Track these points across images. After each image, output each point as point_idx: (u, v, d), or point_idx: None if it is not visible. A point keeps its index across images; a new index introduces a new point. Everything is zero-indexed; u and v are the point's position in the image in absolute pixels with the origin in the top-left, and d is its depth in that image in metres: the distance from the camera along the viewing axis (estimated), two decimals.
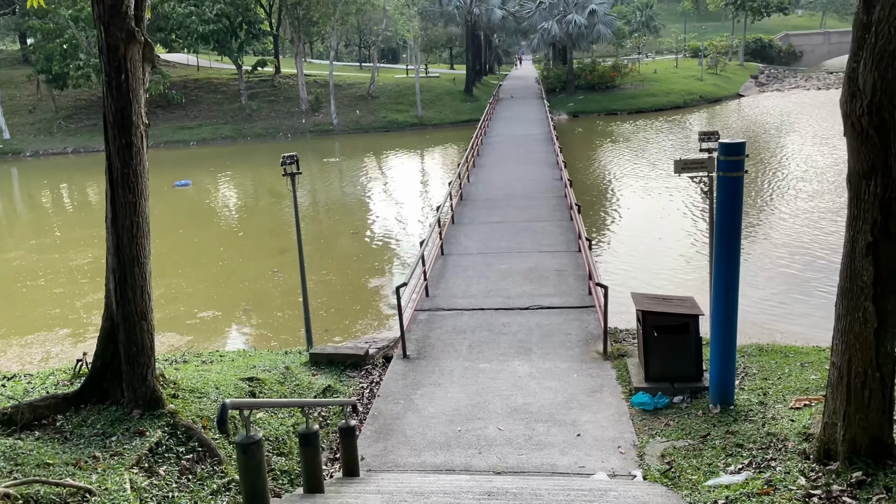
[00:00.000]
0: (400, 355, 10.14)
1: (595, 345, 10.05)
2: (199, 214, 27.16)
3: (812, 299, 14.83)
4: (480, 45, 60.96)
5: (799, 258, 17.22)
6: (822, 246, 17.95)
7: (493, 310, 11.55)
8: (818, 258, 17.13)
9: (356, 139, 44.52)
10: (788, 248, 17.93)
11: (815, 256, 17.23)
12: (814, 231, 19.37)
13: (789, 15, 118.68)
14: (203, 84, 51.28)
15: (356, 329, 14.40)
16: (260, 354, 11.40)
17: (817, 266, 16.62)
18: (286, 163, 11.27)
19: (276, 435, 7.48)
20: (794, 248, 17.97)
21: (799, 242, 18.37)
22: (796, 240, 18.62)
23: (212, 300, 16.48)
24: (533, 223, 16.59)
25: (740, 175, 7.47)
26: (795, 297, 14.99)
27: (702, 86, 53.62)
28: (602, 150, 35.72)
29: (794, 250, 17.75)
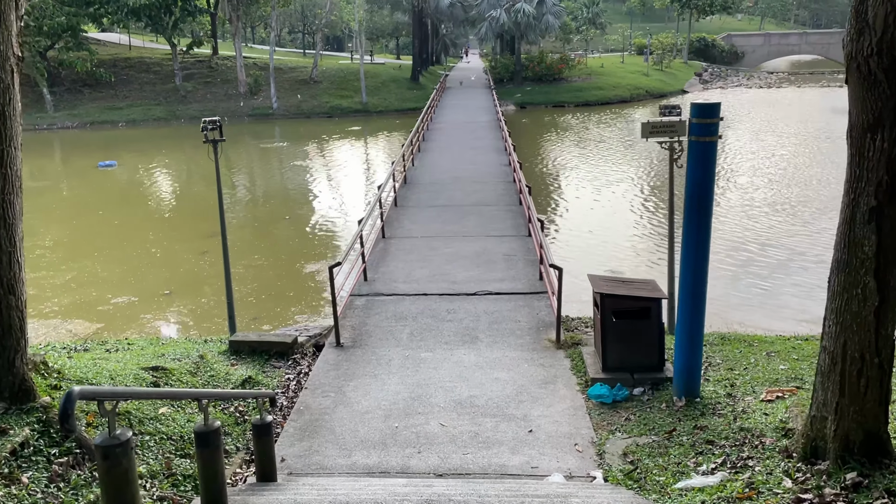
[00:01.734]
0: (333, 343, 9.12)
1: (547, 332, 9.22)
2: (123, 196, 25.42)
3: (756, 291, 14.40)
4: (427, 32, 59.83)
5: (735, 252, 16.85)
6: (755, 239, 17.64)
7: (438, 295, 10.62)
8: (752, 251, 16.78)
9: (297, 124, 42.93)
10: (725, 241, 17.51)
11: (749, 251, 16.86)
12: (748, 224, 19.06)
13: (732, 16, 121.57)
14: (135, 63, 48.76)
15: (289, 316, 13.28)
16: (175, 343, 10.19)
17: (755, 259, 16.25)
18: (207, 128, 10.09)
19: (180, 433, 6.37)
20: (732, 241, 17.60)
21: (734, 236, 18.02)
22: (731, 233, 18.27)
23: (129, 285, 15.08)
24: (480, 207, 15.72)
25: (714, 140, 6.70)
26: (740, 288, 14.52)
27: (648, 81, 53.79)
28: (549, 141, 35.18)
29: (732, 244, 17.36)
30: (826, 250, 16.25)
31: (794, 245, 17.00)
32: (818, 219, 19.16)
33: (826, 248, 16.37)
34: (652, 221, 19.68)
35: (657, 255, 16.61)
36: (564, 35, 66.31)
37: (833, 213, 19.33)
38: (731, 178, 24.87)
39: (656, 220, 19.77)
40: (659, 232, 18.71)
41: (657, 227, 19.10)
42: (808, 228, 18.37)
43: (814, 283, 14.33)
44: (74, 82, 44.75)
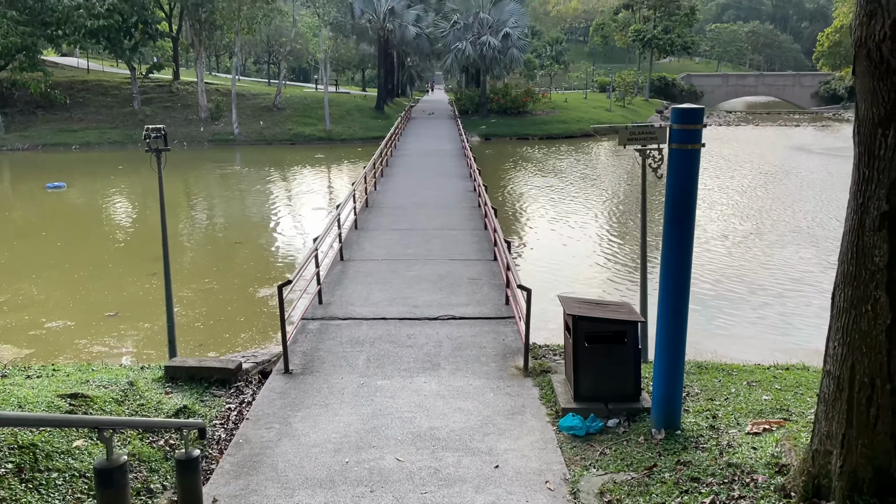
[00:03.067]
0: (280, 370, 8.32)
1: (514, 359, 8.57)
2: (70, 218, 24.25)
3: (721, 322, 13.97)
4: (393, 64, 59.75)
5: (693, 284, 16.46)
6: (713, 272, 17.28)
7: (398, 319, 9.91)
8: (710, 285, 16.40)
9: (259, 151, 42.06)
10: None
11: (708, 283, 16.47)
12: (705, 257, 18.76)
13: (690, 58, 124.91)
14: (92, 86, 47.48)
15: (238, 343, 12.40)
16: (107, 369, 9.27)
17: (715, 292, 15.85)
18: (150, 136, 9.33)
19: None
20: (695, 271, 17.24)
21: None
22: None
23: (66, 308, 14.05)
24: (444, 231, 15.11)
25: (697, 148, 6.20)
26: (704, 320, 14.07)
27: (611, 115, 54.34)
28: (513, 170, 34.95)
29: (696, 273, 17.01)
30: (784, 283, 16.01)
31: (752, 278, 16.63)
32: (776, 251, 18.94)
33: (784, 281, 16.11)
34: (621, 248, 19.31)
35: (626, 283, 16.16)
36: (528, 71, 67.05)
37: (790, 245, 19.20)
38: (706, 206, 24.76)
39: (626, 247, 19.41)
40: (627, 258, 18.31)
41: (626, 253, 18.72)
42: (766, 262, 18.08)
43: (779, 316, 13.98)
44: (28, 104, 43.33)
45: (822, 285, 15.60)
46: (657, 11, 63.57)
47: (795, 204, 25.03)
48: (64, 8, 37.38)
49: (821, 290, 15.25)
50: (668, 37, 62.01)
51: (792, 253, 18.53)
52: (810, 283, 15.91)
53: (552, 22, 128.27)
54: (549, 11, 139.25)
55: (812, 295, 15.05)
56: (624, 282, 16.44)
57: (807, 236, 20.26)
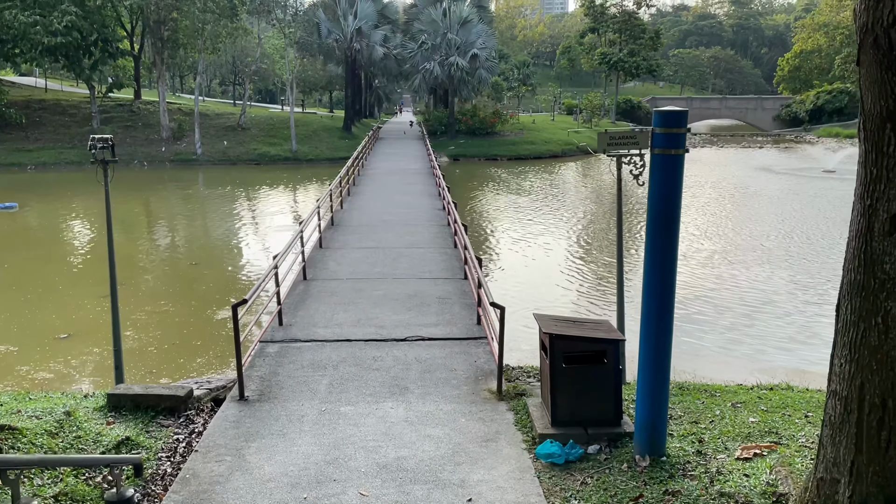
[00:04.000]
0: (235, 397, 7.70)
1: (487, 382, 8.07)
2: (20, 239, 23.24)
3: (692, 343, 13.62)
4: (361, 85, 59.44)
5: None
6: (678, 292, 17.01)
7: (363, 341, 9.36)
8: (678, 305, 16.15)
9: (222, 171, 41.22)
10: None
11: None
12: None
13: (654, 83, 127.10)
14: (50, 105, 46.25)
15: (193, 369, 11.71)
16: (47, 397, 8.54)
17: (683, 313, 15.54)
18: (97, 147, 8.72)
19: None
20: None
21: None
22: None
23: (9, 333, 13.21)
24: (413, 249, 14.61)
25: (681, 153, 5.83)
26: (678, 338, 13.67)
27: (578, 137, 54.64)
28: (482, 191, 34.66)
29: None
30: (752, 304, 15.71)
31: (720, 299, 16.28)
32: (740, 271, 18.72)
33: (752, 301, 15.85)
34: (592, 264, 18.99)
35: (601, 300, 15.81)
36: (496, 93, 67.34)
37: (756, 265, 19.01)
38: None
39: (597, 263, 19.10)
40: (600, 274, 17.99)
41: (598, 270, 18.40)
42: (732, 282, 17.81)
43: (753, 337, 13.66)
44: None
45: (791, 304, 15.41)
46: (622, 35, 64.41)
47: (760, 224, 25.05)
48: (20, 24, 36.31)
49: (791, 309, 15.04)
50: (634, 60, 62.79)
51: (759, 273, 18.34)
52: (780, 303, 15.67)
53: (519, 46, 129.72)
54: (517, 36, 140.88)
55: (784, 314, 14.81)
56: (598, 298, 16.08)
57: (773, 255, 20.15)
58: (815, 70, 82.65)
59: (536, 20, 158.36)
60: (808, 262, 19.24)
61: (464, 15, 49.36)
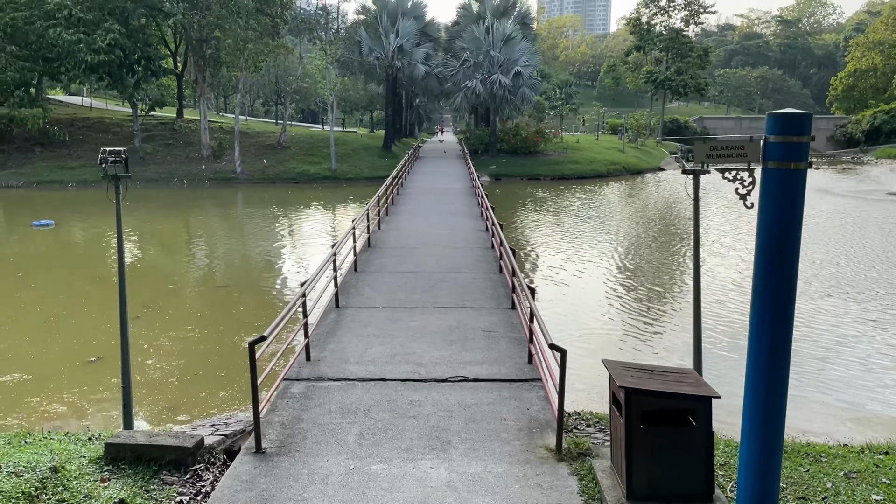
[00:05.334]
0: (251, 448, 6.64)
1: (543, 436, 6.88)
2: (52, 257, 22.76)
3: None
4: (402, 103, 58.91)
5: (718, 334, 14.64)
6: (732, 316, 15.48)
7: (399, 381, 8.26)
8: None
9: (261, 189, 40.80)
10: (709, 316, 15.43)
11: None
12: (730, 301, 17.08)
13: (699, 104, 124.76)
14: (93, 123, 46.60)
15: (213, 404, 10.72)
16: (45, 440, 7.61)
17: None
18: (108, 161, 7.82)
19: None
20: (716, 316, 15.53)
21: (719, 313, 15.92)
22: (717, 309, 16.19)
23: (24, 360, 12.42)
24: (454, 274, 13.49)
25: (803, 168, 4.61)
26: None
27: (624, 157, 53.07)
28: (525, 212, 33.45)
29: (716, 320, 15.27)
30: (828, 338, 14.07)
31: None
32: (806, 303, 17.09)
33: (827, 336, 14.23)
34: (646, 293, 17.61)
35: (661, 335, 14.44)
36: (538, 113, 66.23)
37: (820, 298, 17.26)
38: (719, 252, 23.07)
39: (653, 292, 17.72)
40: (657, 305, 16.61)
41: (654, 299, 17.03)
42: (802, 315, 16.20)
43: (834, 381, 12.07)
44: (26, 140, 42.36)
45: (869, 344, 13.78)
46: (669, 53, 62.86)
47: (824, 249, 23.28)
48: (64, 42, 36.53)
49: (870, 350, 13.41)
50: (681, 78, 61.14)
51: (825, 305, 16.64)
52: (857, 340, 14.01)
53: (561, 66, 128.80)
54: (558, 56, 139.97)
55: (865, 356, 13.17)
56: (646, 331, 14.71)
57: (841, 284, 18.42)
58: (871, 89, 79.77)
59: (578, 40, 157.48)
60: (882, 293, 17.54)
61: (507, 32, 48.44)
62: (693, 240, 8.16)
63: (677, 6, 63.73)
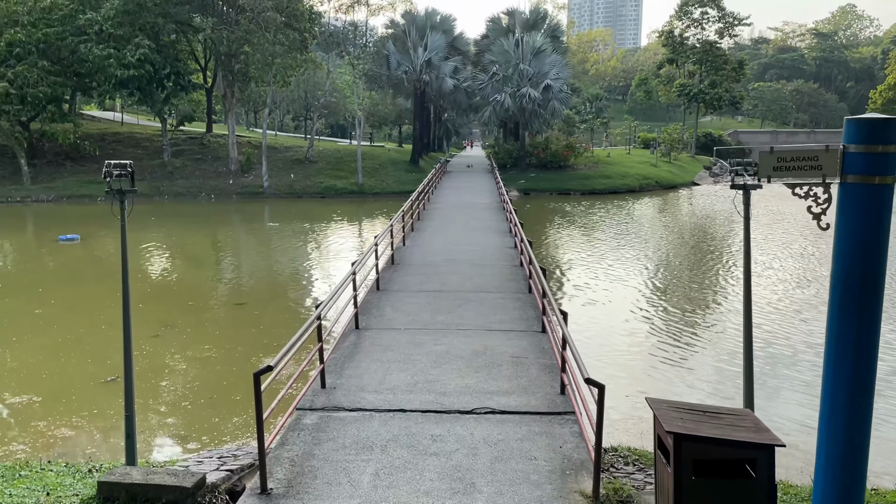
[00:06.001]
0: (256, 489, 6.06)
1: (577, 479, 6.19)
2: (76, 272, 22.58)
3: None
4: (430, 117, 58.56)
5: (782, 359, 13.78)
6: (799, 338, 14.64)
7: (420, 412, 7.63)
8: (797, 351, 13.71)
9: (288, 204, 40.59)
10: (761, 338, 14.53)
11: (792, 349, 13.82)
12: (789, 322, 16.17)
13: (733, 118, 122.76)
14: (124, 138, 46.97)
15: (226, 430, 10.18)
16: (42, 474, 7.12)
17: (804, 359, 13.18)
18: (112, 175, 7.35)
19: None
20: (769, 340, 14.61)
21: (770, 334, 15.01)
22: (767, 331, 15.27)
23: (37, 381, 12.03)
24: (481, 294, 12.84)
25: (889, 182, 3.91)
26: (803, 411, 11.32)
27: (657, 171, 51.97)
28: (554, 228, 32.68)
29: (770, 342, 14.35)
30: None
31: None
32: None
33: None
34: (684, 316, 16.78)
35: (682, 359, 13.61)
36: (568, 127, 65.39)
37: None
38: (754, 271, 22.07)
39: (691, 316, 16.88)
40: (695, 330, 15.76)
41: (693, 324, 16.19)
42: None
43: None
44: (57, 155, 42.77)
45: None
46: (703, 66, 61.70)
47: None
48: (95, 58, 36.82)
49: None
50: (716, 91, 59.88)
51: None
52: None
53: (591, 80, 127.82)
54: (588, 70, 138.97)
55: None
56: (688, 357, 13.88)
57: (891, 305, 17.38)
58: None
59: (609, 54, 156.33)
60: None
61: (537, 45, 47.84)
62: (744, 265, 7.43)
63: (711, 18, 62.58)
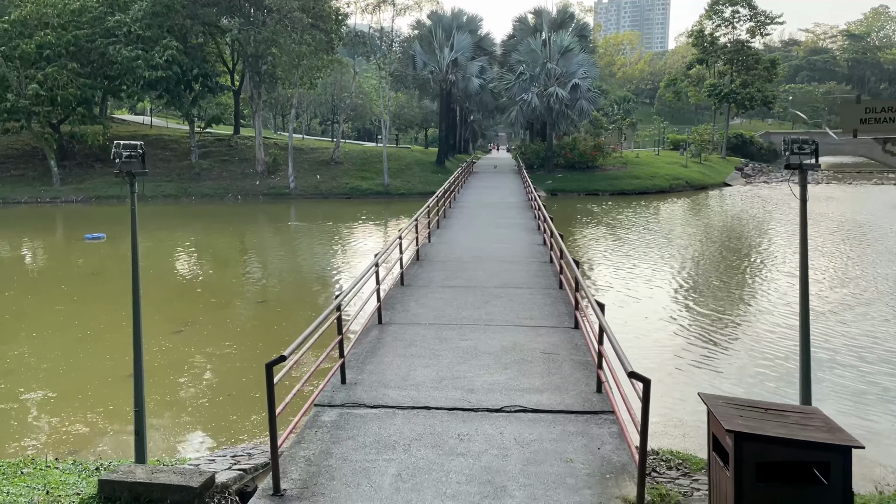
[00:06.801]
0: (268, 490, 5.57)
1: (619, 484, 5.62)
2: (100, 270, 22.46)
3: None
4: (456, 118, 58.07)
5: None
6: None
7: (446, 410, 7.10)
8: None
9: (314, 205, 40.38)
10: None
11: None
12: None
13: (763, 120, 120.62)
14: (152, 140, 47.14)
15: (243, 429, 9.76)
16: (46, 471, 6.74)
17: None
18: (122, 157, 6.96)
19: None
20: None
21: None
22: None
23: (55, 376, 11.75)
24: (509, 290, 12.30)
25: None
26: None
27: (687, 172, 50.91)
28: (582, 228, 31.99)
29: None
30: None
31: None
32: None
33: None
34: (718, 313, 16.06)
35: (723, 364, 12.91)
36: (595, 129, 64.49)
37: None
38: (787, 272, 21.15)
39: (726, 313, 16.16)
40: (731, 326, 15.05)
41: (730, 320, 15.47)
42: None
43: None
44: (87, 156, 43.09)
45: None
46: (734, 65, 60.45)
47: None
48: (123, 59, 36.99)
49: None
50: (748, 91, 58.59)
51: None
52: None
53: (618, 83, 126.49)
54: (615, 73, 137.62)
55: None
56: (718, 358, 13.19)
57: None
58: None
59: (636, 57, 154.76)
60: None
61: (564, 44, 47.11)
62: (800, 253, 6.80)
63: (742, 17, 61.35)
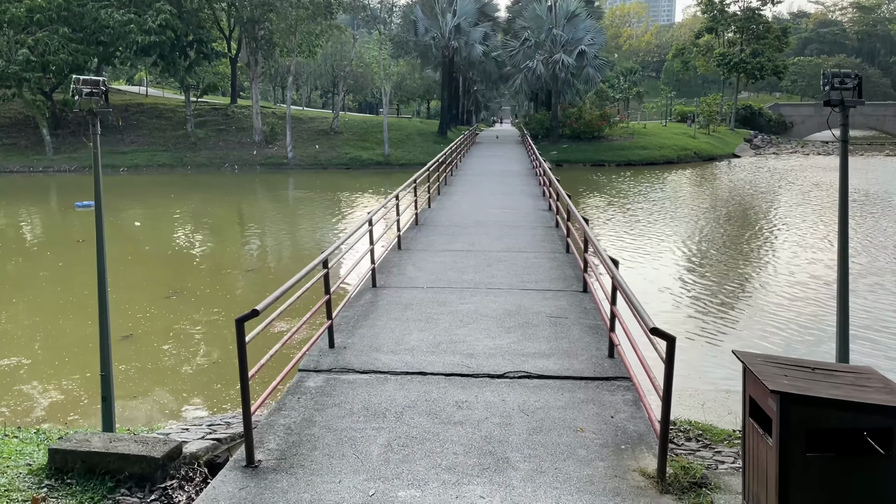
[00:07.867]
0: (240, 461, 4.93)
1: (635, 455, 4.98)
2: (86, 237, 21.78)
3: None
4: (458, 87, 56.86)
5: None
6: None
7: (443, 375, 6.45)
8: None
9: (312, 175, 39.58)
10: None
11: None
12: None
13: (771, 94, 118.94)
14: (147, 109, 46.27)
15: (227, 398, 9.16)
16: (4, 441, 6.12)
17: None
18: (83, 93, 6.23)
19: None
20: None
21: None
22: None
23: (30, 343, 11.14)
24: (513, 253, 11.62)
25: None
26: None
27: (696, 143, 49.92)
28: (588, 198, 31.25)
29: None
30: None
31: None
32: None
33: None
34: (735, 282, 15.40)
35: (718, 320, 12.27)
36: (601, 101, 63.30)
37: None
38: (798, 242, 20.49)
39: (748, 282, 15.49)
40: (716, 293, 14.40)
41: (752, 289, 14.82)
42: None
43: None
44: (80, 125, 42.24)
45: None
46: (744, 34, 59.05)
47: None
48: (115, 23, 35.98)
49: None
50: (757, 60, 57.26)
51: None
52: None
53: (624, 56, 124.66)
54: (622, 45, 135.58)
55: None
56: (724, 330, 12.54)
57: None
58: None
59: (643, 29, 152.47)
60: None
61: (571, 9, 45.75)
62: (840, 204, 6.10)
63: None
